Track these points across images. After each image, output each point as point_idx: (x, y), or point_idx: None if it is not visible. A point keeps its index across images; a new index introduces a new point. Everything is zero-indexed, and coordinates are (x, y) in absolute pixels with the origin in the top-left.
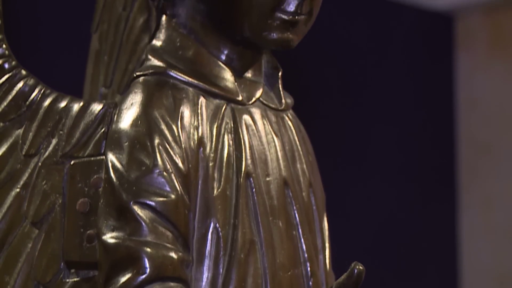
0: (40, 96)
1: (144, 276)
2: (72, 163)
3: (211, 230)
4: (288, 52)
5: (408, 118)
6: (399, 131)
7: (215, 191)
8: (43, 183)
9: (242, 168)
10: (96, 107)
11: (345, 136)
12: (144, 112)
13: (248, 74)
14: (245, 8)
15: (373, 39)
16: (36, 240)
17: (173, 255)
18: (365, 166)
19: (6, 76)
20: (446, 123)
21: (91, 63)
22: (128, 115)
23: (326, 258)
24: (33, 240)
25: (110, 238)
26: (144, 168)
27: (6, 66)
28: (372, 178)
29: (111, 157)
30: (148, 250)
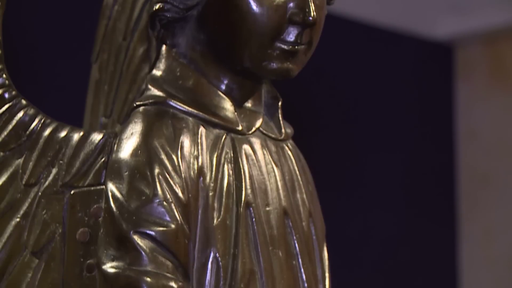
0: (40, 125)
1: None
2: (72, 192)
3: (211, 260)
4: (288, 82)
5: (408, 148)
6: (399, 161)
7: (215, 221)
8: (43, 212)
9: (242, 198)
10: (96, 137)
11: (345, 166)
12: (144, 142)
13: (248, 104)
14: (245, 38)
15: (373, 68)
16: (36, 269)
17: (173, 284)
18: (365, 196)
19: (6, 106)
20: (446, 153)
21: (91, 93)
22: (128, 145)
23: None
24: (33, 269)
25: (110, 267)
26: (144, 197)
27: (6, 95)
28: (372, 208)
29: (111, 186)
30: (148, 279)
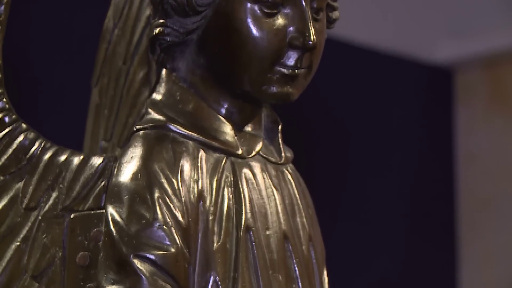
0: (40, 149)
1: None
2: (72, 216)
3: (211, 284)
4: (288, 106)
5: (408, 171)
6: (399, 184)
7: (215, 245)
8: (43, 236)
9: (242, 222)
10: (96, 161)
11: (345, 189)
12: (144, 166)
13: (248, 128)
14: (245, 62)
15: (373, 92)
16: None
17: None
18: (365, 219)
19: (7, 130)
20: (446, 177)
21: (91, 117)
22: (128, 169)
23: None
24: None
25: None
26: (144, 221)
27: (7, 119)
28: (372, 232)
29: (111, 210)
30: None
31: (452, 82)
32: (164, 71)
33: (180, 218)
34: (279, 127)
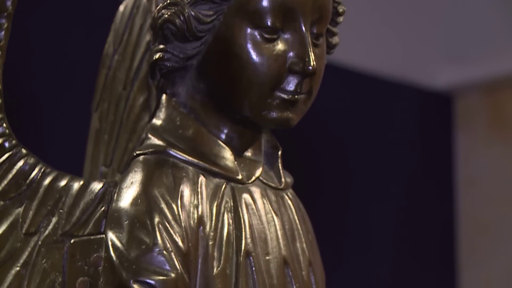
0: (40, 175)
1: None
2: (72, 241)
3: None
4: (288, 131)
5: (408, 196)
6: (400, 209)
7: (215, 270)
8: (43, 261)
9: (242, 247)
10: (96, 186)
11: (345, 215)
12: (144, 191)
13: (248, 153)
14: (244, 87)
15: (373, 118)
16: None
17: None
18: (365, 244)
19: (7, 155)
20: (446, 202)
21: (91, 142)
22: (128, 194)
23: None
24: None
25: None
26: (144, 246)
27: (7, 145)
28: (372, 257)
29: (111, 235)
30: None
31: (452, 107)
32: (164, 96)
33: (180, 244)
34: (279, 153)
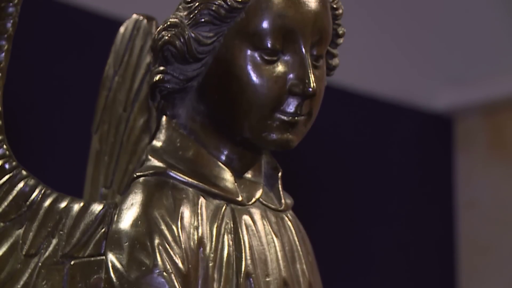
0: (40, 196)
1: None
2: (72, 263)
3: None
4: (288, 152)
5: (408, 218)
6: (400, 231)
7: None
8: (44, 283)
9: (242, 268)
10: (96, 208)
11: (345, 236)
12: (144, 212)
13: (248, 175)
14: (244, 109)
15: (373, 140)
16: None
17: None
18: (365, 266)
19: (7, 177)
20: (446, 224)
21: (91, 164)
22: (128, 215)
23: None
24: None
25: None
26: (144, 268)
27: (7, 166)
28: (372, 278)
29: (111, 257)
30: None
31: (451, 129)
32: (164, 118)
33: (180, 265)
34: (279, 174)
